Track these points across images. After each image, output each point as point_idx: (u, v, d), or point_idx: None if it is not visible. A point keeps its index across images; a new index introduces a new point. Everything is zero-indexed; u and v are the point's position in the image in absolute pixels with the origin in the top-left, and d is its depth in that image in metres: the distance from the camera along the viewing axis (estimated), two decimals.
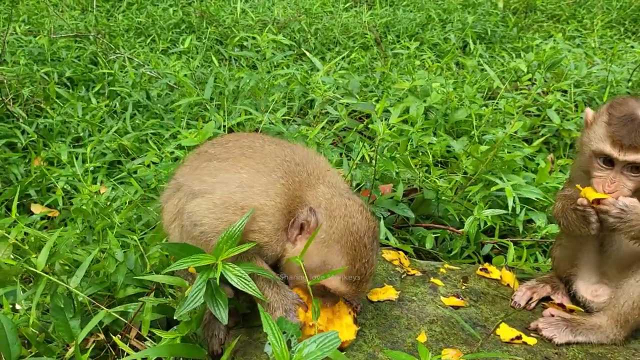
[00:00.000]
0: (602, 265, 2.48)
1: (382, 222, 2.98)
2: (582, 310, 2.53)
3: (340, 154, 4.19)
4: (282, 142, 2.55)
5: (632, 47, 7.29)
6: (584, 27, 8.48)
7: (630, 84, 5.26)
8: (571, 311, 2.52)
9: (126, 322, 2.42)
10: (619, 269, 2.41)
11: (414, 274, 2.73)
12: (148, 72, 5.70)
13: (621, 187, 2.24)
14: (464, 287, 2.65)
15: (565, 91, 5.18)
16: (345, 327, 2.20)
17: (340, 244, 2.09)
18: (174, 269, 1.86)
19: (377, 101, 5.14)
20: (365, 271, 2.11)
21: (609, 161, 2.25)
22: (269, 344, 1.54)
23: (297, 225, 2.17)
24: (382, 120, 3.15)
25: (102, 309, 2.39)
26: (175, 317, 2.00)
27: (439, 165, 4.25)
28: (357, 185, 3.52)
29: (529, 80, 5.58)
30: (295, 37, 7.47)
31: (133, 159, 4.31)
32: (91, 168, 4.19)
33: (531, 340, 2.31)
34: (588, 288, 2.52)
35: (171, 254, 1.93)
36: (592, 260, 2.50)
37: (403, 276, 2.70)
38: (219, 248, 1.92)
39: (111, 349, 2.49)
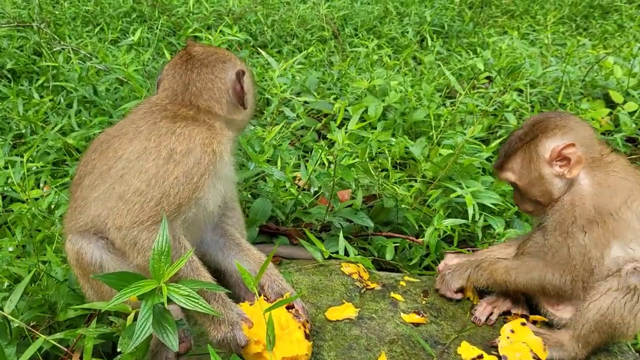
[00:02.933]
0: None
1: (340, 233, 2.89)
2: (546, 319, 2.50)
3: (298, 157, 4.07)
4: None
5: (583, 44, 7.41)
6: (537, 23, 8.59)
7: (583, 83, 5.32)
8: (534, 322, 2.49)
9: (66, 349, 2.24)
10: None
11: (373, 288, 2.65)
12: (95, 66, 5.41)
13: (520, 203, 2.53)
14: (424, 302, 2.59)
15: (522, 90, 5.20)
16: (296, 343, 2.10)
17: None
18: (115, 303, 1.71)
19: (335, 99, 5.03)
20: None
21: None
22: None
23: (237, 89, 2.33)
24: (340, 127, 3.05)
25: (40, 336, 2.21)
26: (119, 350, 1.85)
27: (398, 167, 4.19)
28: (315, 192, 3.41)
29: (486, 78, 5.59)
30: (251, 29, 7.26)
31: (78, 159, 4.07)
32: (34, 168, 3.94)
33: (492, 359, 2.27)
34: (549, 300, 2.50)
35: (108, 284, 1.77)
36: None
37: (362, 291, 2.62)
38: (156, 269, 1.78)
39: None
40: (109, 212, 2.11)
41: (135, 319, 1.84)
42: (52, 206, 3.40)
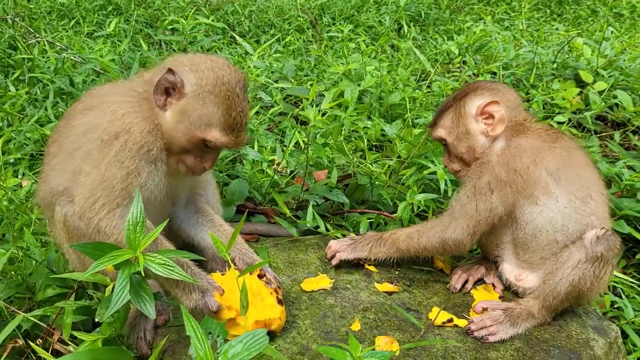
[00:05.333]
0: (519, 251, 2.53)
1: (310, 207, 2.95)
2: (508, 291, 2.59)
3: (275, 140, 4.12)
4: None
5: (557, 29, 7.55)
6: (513, 9, 8.71)
7: (555, 65, 5.43)
8: (500, 297, 2.57)
9: (46, 326, 2.28)
10: (533, 255, 2.48)
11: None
12: (71, 57, 5.39)
13: (449, 164, 2.65)
14: (397, 272, 2.67)
15: (495, 73, 5.30)
16: (268, 307, 2.15)
17: (214, 94, 2.10)
18: (92, 272, 1.75)
19: (312, 85, 5.08)
20: (242, 120, 2.16)
21: None
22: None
23: (161, 89, 2.11)
24: (314, 106, 3.10)
25: (19, 313, 2.24)
26: (97, 320, 1.90)
27: (374, 149, 4.26)
28: (292, 172, 3.47)
29: (461, 62, 5.68)
30: (229, 20, 7.28)
31: None
32: (11, 160, 3.94)
33: (462, 322, 2.35)
34: (512, 271, 2.58)
35: (85, 254, 1.80)
36: (511, 245, 2.55)
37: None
38: (132, 240, 1.82)
39: (32, 354, 2.35)
40: (65, 188, 2.16)
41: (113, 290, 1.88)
42: (29, 195, 3.41)
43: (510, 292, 2.59)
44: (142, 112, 2.13)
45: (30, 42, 5.77)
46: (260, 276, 2.23)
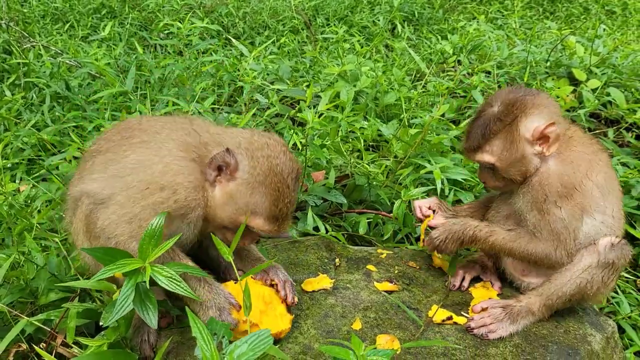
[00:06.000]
0: None
1: (309, 210, 2.97)
2: (509, 287, 2.62)
3: None
4: (161, 117, 2.48)
5: (550, 27, 7.60)
6: (505, 8, 8.76)
7: (548, 63, 5.48)
8: (498, 294, 2.60)
9: (50, 330, 2.30)
10: None
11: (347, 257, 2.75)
12: (67, 61, 5.40)
13: (488, 180, 2.52)
14: (396, 271, 2.70)
15: (489, 72, 5.34)
16: (279, 317, 2.19)
17: (265, 185, 2.10)
18: (100, 278, 1.77)
19: (308, 86, 5.11)
20: (287, 210, 2.16)
21: None
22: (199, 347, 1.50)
23: (215, 166, 2.11)
24: (311, 108, 3.13)
25: (23, 318, 2.26)
26: (101, 324, 1.92)
27: (371, 149, 4.29)
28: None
29: (455, 61, 5.72)
30: (223, 22, 7.29)
31: (54, 154, 4.09)
32: (9, 165, 3.95)
33: (461, 320, 2.38)
34: (517, 266, 2.61)
35: (95, 259, 1.83)
36: None
37: (337, 264, 2.71)
38: (143, 250, 1.84)
39: (36, 358, 2.37)
40: (97, 195, 2.14)
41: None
42: (29, 200, 3.42)
43: (512, 288, 2.62)
44: (193, 176, 2.11)
45: (25, 46, 5.77)
46: (271, 285, 2.27)
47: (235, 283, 2.24)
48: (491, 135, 2.38)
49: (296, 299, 2.27)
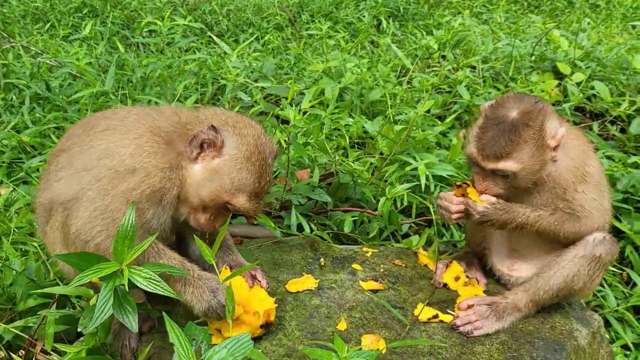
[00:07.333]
0: (511, 241, 2.56)
1: (293, 209, 2.94)
2: (495, 283, 2.61)
3: None
4: (127, 107, 2.47)
5: (534, 21, 7.60)
6: (490, 2, 8.76)
7: (533, 57, 5.48)
8: (484, 291, 2.58)
9: (28, 337, 2.25)
10: (526, 245, 2.50)
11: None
12: (47, 61, 5.31)
13: (491, 187, 2.36)
14: (382, 270, 2.67)
15: (474, 67, 5.33)
16: (265, 300, 2.20)
17: (251, 162, 2.12)
18: (76, 285, 1.72)
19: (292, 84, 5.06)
20: (267, 188, 2.22)
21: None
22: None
23: (197, 142, 2.10)
24: (295, 105, 3.09)
25: (0, 325, 2.20)
26: (79, 330, 1.87)
27: (356, 146, 4.26)
28: (274, 172, 3.45)
29: (440, 57, 5.70)
30: (206, 20, 7.22)
31: (34, 156, 4.02)
32: None
33: (447, 318, 2.36)
34: (504, 262, 2.60)
35: (70, 265, 1.78)
36: (502, 235, 2.57)
37: (322, 264, 2.68)
38: (118, 252, 1.79)
39: None
40: (67, 201, 2.08)
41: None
42: (8, 204, 3.36)
43: (499, 284, 2.61)
44: (168, 156, 2.08)
45: (4, 47, 5.67)
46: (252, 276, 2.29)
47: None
48: (521, 141, 2.24)
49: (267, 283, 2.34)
